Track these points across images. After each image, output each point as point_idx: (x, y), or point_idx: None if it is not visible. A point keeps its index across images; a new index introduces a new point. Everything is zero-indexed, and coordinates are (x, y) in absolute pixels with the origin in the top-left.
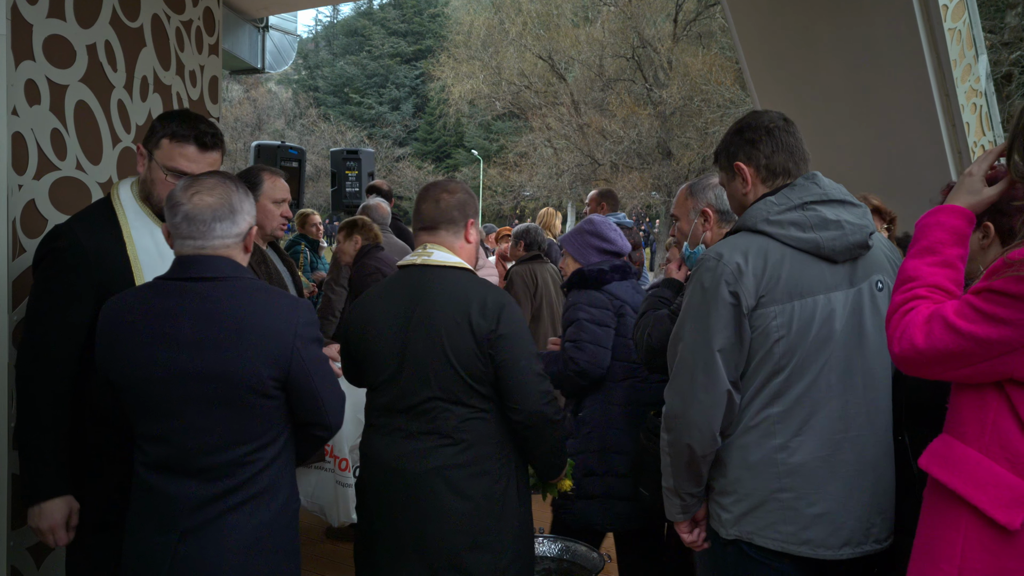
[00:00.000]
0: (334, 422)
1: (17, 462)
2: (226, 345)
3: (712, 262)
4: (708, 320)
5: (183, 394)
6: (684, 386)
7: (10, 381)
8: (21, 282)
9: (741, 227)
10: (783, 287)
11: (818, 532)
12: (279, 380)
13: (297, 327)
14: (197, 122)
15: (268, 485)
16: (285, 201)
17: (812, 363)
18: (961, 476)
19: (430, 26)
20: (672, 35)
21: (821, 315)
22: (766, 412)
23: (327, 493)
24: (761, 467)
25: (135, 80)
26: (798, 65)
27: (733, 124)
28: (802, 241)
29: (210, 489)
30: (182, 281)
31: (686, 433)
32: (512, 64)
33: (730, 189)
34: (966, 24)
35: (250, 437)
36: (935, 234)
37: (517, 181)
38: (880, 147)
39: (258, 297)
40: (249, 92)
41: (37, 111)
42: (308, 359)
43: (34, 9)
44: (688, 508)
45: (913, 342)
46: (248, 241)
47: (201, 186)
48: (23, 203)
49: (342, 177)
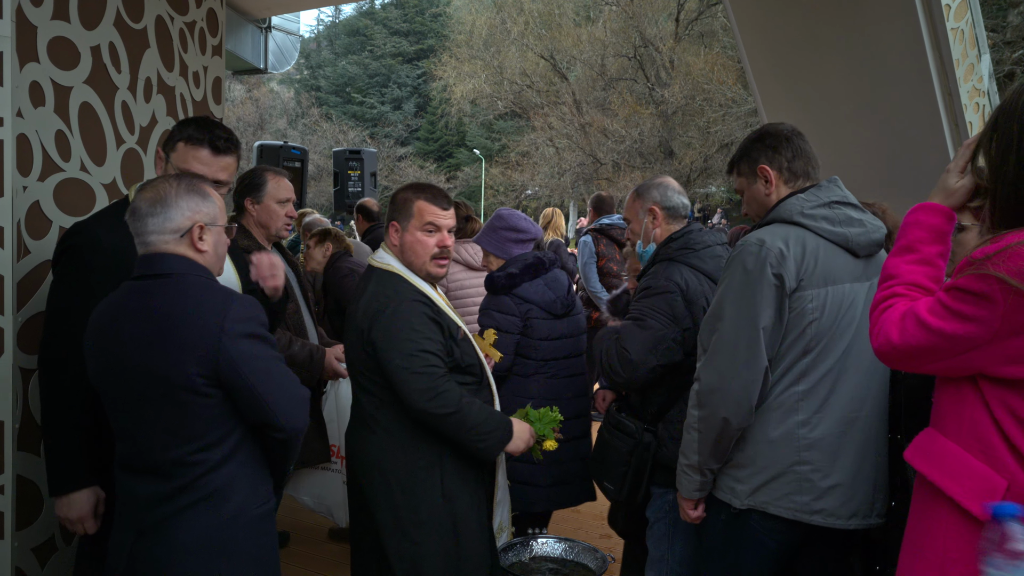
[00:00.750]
0: (286, 423)
1: (22, 463)
2: (156, 342)
3: (755, 247)
4: (753, 299)
5: (130, 391)
6: (724, 362)
7: (15, 383)
8: (26, 283)
9: (775, 219)
10: (819, 273)
11: (830, 503)
12: (209, 378)
13: (224, 322)
14: (213, 127)
15: (219, 487)
16: (289, 201)
17: (837, 345)
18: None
19: (432, 26)
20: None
21: (847, 302)
22: (793, 389)
23: (335, 493)
24: (782, 441)
25: (139, 81)
26: (800, 64)
27: (751, 133)
28: (833, 234)
29: (162, 488)
30: (134, 280)
31: (723, 407)
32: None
33: (751, 191)
34: (969, 23)
35: (192, 436)
36: (914, 232)
37: (519, 180)
38: (882, 146)
39: (189, 293)
40: (251, 92)
41: (42, 113)
42: (238, 356)
43: (38, 11)
44: (706, 485)
45: (889, 337)
46: (193, 238)
47: (148, 184)
48: (28, 204)
49: (344, 177)
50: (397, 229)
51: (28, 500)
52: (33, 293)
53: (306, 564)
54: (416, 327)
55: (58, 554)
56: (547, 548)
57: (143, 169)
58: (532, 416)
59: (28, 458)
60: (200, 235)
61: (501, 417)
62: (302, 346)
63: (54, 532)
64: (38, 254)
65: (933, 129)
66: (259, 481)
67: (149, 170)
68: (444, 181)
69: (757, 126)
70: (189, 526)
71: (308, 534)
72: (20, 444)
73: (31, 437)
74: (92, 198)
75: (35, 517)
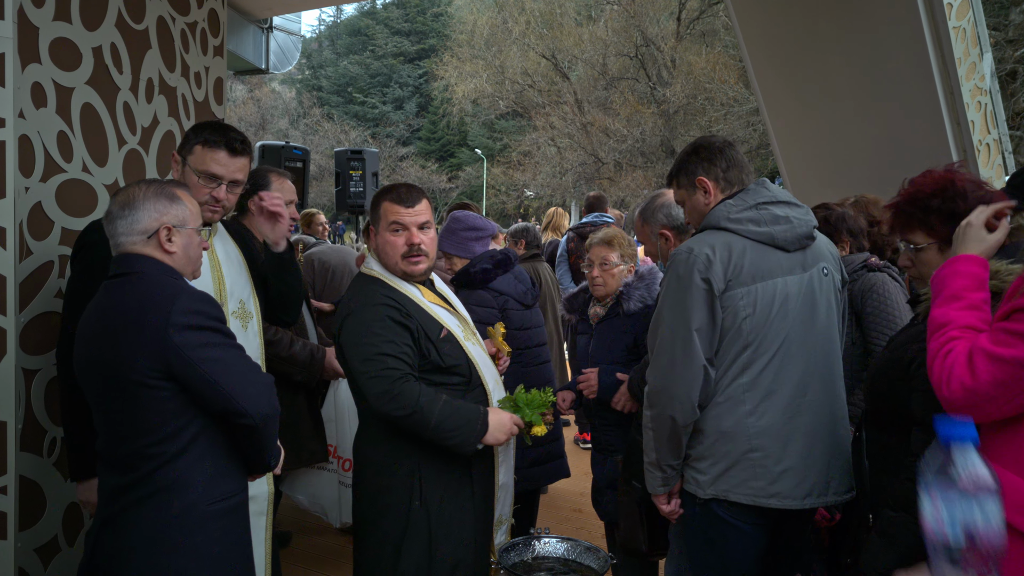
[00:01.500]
0: (250, 408)
1: (25, 464)
2: (108, 336)
3: (684, 255)
4: (685, 304)
5: (96, 386)
6: (664, 364)
7: (18, 383)
8: (28, 284)
9: (706, 227)
10: (747, 272)
11: (784, 485)
12: (159, 371)
13: (170, 315)
14: (227, 130)
15: (173, 481)
16: (292, 203)
17: (774, 337)
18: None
19: (433, 25)
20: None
21: (780, 295)
22: (736, 382)
23: (329, 493)
24: (733, 432)
25: (141, 82)
26: (802, 63)
27: (685, 147)
28: (758, 234)
29: (121, 480)
30: (109, 279)
31: (668, 406)
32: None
33: (692, 202)
34: (970, 22)
35: (147, 429)
36: (957, 282)
37: (520, 180)
38: (884, 145)
39: (139, 288)
40: (253, 92)
41: (44, 114)
42: (186, 347)
43: (40, 12)
44: (668, 480)
45: (963, 382)
46: (161, 239)
47: (120, 190)
48: (30, 205)
49: (346, 177)
50: (372, 233)
51: (31, 501)
52: (35, 294)
53: (308, 563)
54: (376, 331)
55: (61, 554)
56: (549, 548)
57: (145, 170)
58: (521, 400)
59: (31, 459)
60: (168, 236)
61: (472, 412)
62: (303, 346)
63: (57, 533)
64: (40, 255)
65: (935, 127)
66: (221, 476)
67: (151, 171)
68: (446, 181)
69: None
70: (138, 520)
71: (310, 533)
72: (23, 445)
73: (34, 437)
74: (94, 199)
75: (38, 518)
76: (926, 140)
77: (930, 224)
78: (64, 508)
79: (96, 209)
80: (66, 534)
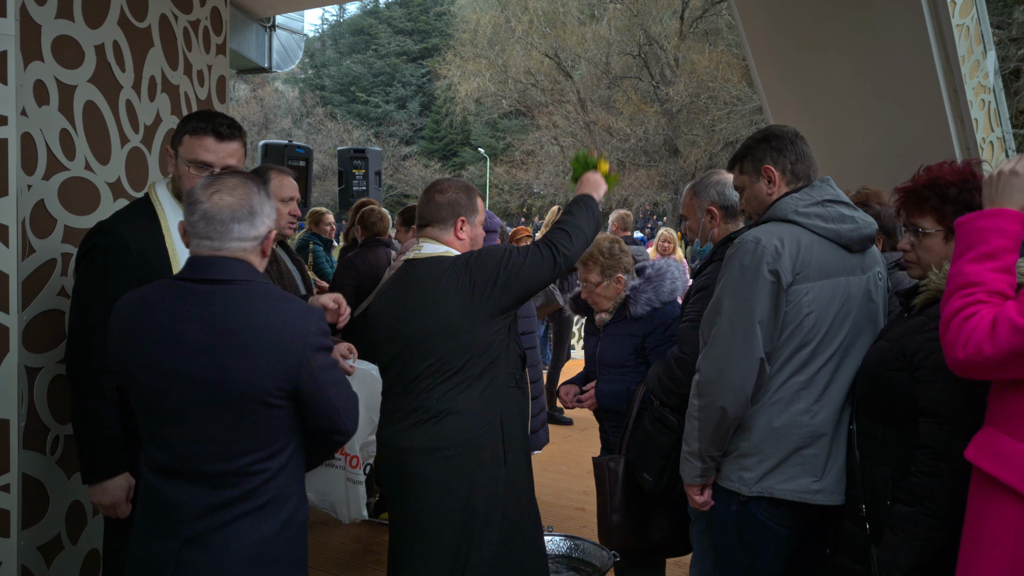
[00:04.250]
0: (351, 427)
1: (27, 462)
2: (231, 352)
3: (751, 244)
4: (749, 294)
5: (186, 400)
6: (721, 354)
7: (20, 381)
8: (31, 282)
9: (771, 218)
10: (813, 268)
11: (828, 483)
12: (287, 391)
13: (307, 337)
14: (214, 116)
15: (275, 496)
16: (293, 200)
17: (835, 337)
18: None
19: (436, 24)
20: (679, 32)
21: (842, 295)
22: (792, 380)
23: (338, 490)
24: (786, 429)
25: (143, 80)
26: (805, 61)
27: (756, 133)
28: (826, 230)
29: (215, 497)
30: (193, 282)
31: (721, 396)
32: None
33: (753, 190)
34: (974, 20)
35: (255, 447)
36: (997, 240)
37: (524, 179)
38: (888, 143)
39: (268, 303)
40: (256, 91)
41: (46, 111)
42: (318, 369)
43: (43, 10)
44: (707, 472)
45: (981, 348)
46: (266, 245)
47: (222, 185)
48: (32, 203)
49: (349, 176)
50: (464, 223)
51: (34, 498)
52: (38, 292)
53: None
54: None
55: (64, 552)
56: (552, 546)
57: (148, 168)
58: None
59: (34, 456)
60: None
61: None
62: None
63: (60, 531)
64: (43, 253)
65: (938, 125)
66: (303, 487)
67: (154, 169)
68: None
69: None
70: (244, 534)
71: (316, 532)
72: (26, 443)
73: (37, 436)
74: (97, 197)
75: (41, 515)
76: (930, 138)
77: (943, 212)
78: (67, 506)
79: (99, 207)
80: (69, 532)
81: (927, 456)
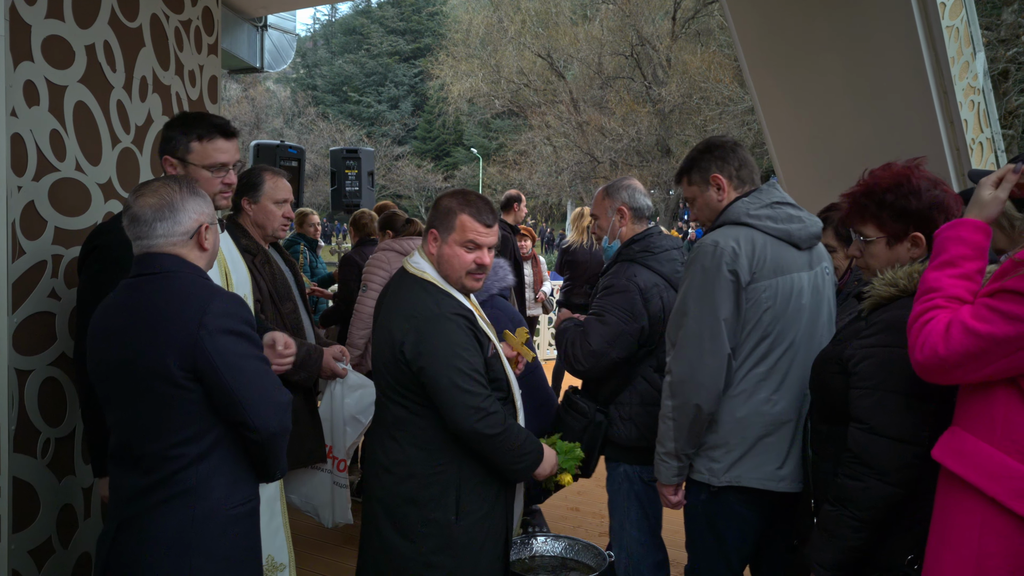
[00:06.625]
0: (259, 424)
1: (18, 465)
2: (141, 335)
3: (710, 247)
4: (712, 295)
5: (117, 385)
6: (692, 353)
7: (11, 384)
8: (21, 284)
9: (725, 222)
10: (768, 266)
11: (790, 470)
12: (188, 371)
13: (204, 317)
14: (211, 118)
15: (195, 485)
16: (287, 201)
17: (790, 330)
18: (975, 469)
19: (429, 24)
20: (671, 33)
21: (795, 290)
22: (753, 372)
23: (322, 494)
24: (749, 419)
25: (134, 80)
26: (797, 62)
27: (697, 145)
28: (777, 230)
29: (142, 481)
30: (132, 278)
31: (695, 394)
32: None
33: (704, 199)
34: (964, 21)
35: (170, 429)
36: (956, 248)
37: (516, 179)
38: (878, 144)
39: (174, 288)
40: (247, 91)
41: (36, 112)
42: (214, 351)
43: (32, 10)
44: (683, 471)
45: (935, 350)
46: (201, 238)
47: (146, 188)
48: (22, 205)
49: (342, 176)
50: (436, 238)
51: (25, 502)
52: (28, 294)
53: (304, 565)
54: (464, 343)
55: (55, 556)
56: (547, 546)
57: (139, 169)
58: (559, 447)
59: (24, 460)
60: (205, 234)
61: (535, 440)
62: (299, 346)
63: (51, 534)
64: (33, 255)
65: (928, 127)
66: (241, 480)
67: (145, 169)
68: (441, 180)
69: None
70: (162, 521)
71: (309, 533)
72: (16, 446)
73: (27, 439)
74: (87, 198)
75: (32, 519)
76: (920, 139)
77: (881, 219)
78: (58, 510)
79: (89, 208)
80: (60, 536)
81: (852, 461)
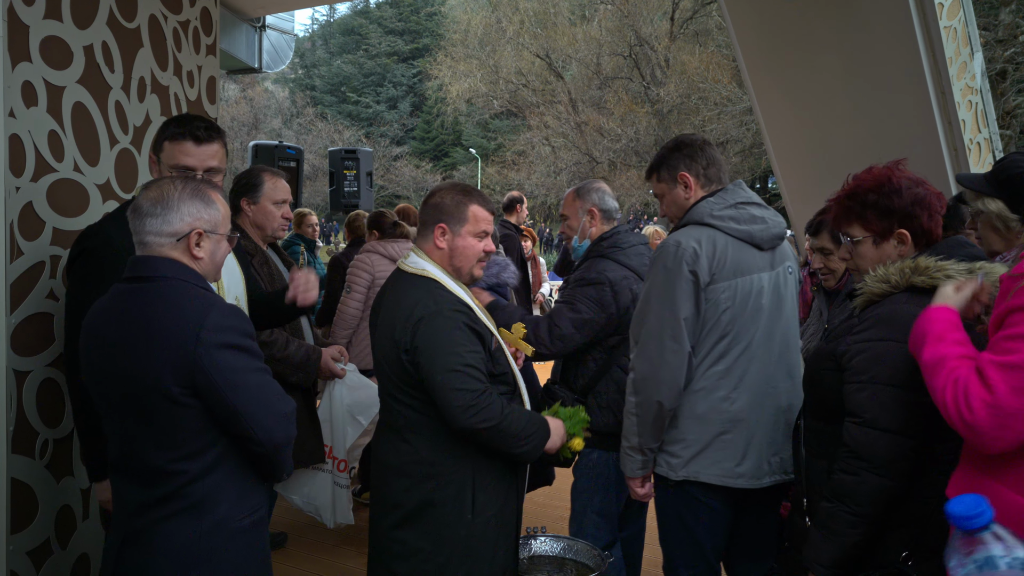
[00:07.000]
0: (264, 437)
1: (16, 466)
2: (136, 347)
3: (672, 248)
4: (673, 294)
5: (111, 396)
6: (653, 351)
7: (9, 385)
8: (19, 285)
9: (689, 222)
10: (729, 267)
11: (748, 467)
12: (187, 387)
13: (200, 332)
14: (191, 120)
15: (200, 500)
16: (286, 202)
17: (748, 329)
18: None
19: (427, 25)
20: (669, 33)
21: (755, 290)
22: (712, 370)
23: (323, 494)
24: (708, 415)
25: (132, 81)
26: (795, 63)
27: (667, 143)
28: (739, 231)
29: (146, 495)
30: (124, 282)
31: (656, 391)
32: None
33: (672, 196)
34: (961, 22)
35: (169, 445)
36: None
37: (515, 179)
38: (876, 144)
39: (170, 298)
40: (246, 91)
41: (34, 113)
42: (212, 367)
43: (31, 10)
44: (647, 464)
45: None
46: (190, 244)
47: (154, 183)
48: (20, 205)
49: (340, 177)
50: (446, 232)
51: (23, 503)
52: (26, 295)
53: (303, 565)
54: (459, 340)
55: (53, 557)
56: (546, 547)
57: (137, 169)
58: (562, 415)
59: (23, 461)
60: (197, 242)
61: (539, 418)
62: (299, 347)
63: (49, 535)
64: (31, 255)
65: (927, 126)
66: (248, 491)
67: (143, 170)
68: (440, 180)
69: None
70: (169, 535)
71: (306, 534)
72: (14, 447)
73: (25, 440)
74: (86, 199)
75: (30, 520)
76: (918, 139)
77: (866, 218)
78: (56, 510)
79: (88, 209)
80: (58, 537)
81: (847, 455)
